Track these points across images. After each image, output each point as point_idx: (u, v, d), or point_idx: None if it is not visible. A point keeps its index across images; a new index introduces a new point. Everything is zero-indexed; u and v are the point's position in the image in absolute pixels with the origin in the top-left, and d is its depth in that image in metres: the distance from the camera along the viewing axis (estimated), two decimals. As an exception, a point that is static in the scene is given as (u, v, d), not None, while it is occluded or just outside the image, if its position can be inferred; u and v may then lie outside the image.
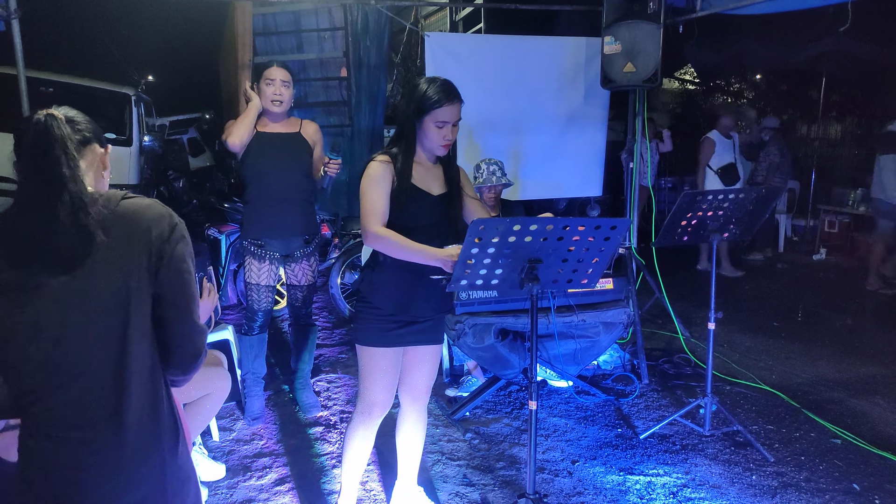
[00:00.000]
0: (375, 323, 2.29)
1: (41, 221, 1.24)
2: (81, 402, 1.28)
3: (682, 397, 3.83)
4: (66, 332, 1.26)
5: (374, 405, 2.36)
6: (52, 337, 1.26)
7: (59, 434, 1.28)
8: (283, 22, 7.42)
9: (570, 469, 3.05)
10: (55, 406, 1.28)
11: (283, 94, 3.18)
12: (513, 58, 4.49)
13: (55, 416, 1.28)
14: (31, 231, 1.24)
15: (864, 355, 4.51)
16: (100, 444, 1.29)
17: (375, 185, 2.17)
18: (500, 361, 3.51)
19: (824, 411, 3.62)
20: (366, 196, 2.18)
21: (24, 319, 1.25)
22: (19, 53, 3.49)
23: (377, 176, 2.18)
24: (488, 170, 3.93)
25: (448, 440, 3.33)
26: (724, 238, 3.24)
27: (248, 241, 3.32)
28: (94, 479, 1.30)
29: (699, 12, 4.25)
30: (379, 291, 2.28)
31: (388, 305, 2.28)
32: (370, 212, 2.16)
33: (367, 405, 2.37)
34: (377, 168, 2.19)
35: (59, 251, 1.25)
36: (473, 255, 2.03)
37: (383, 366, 2.32)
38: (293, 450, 3.20)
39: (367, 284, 2.31)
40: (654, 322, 5.18)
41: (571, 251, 2.13)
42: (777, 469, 3.04)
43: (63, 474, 1.29)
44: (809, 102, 11.38)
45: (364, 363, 2.34)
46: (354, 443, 2.42)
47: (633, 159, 4.48)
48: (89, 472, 1.30)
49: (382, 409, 2.39)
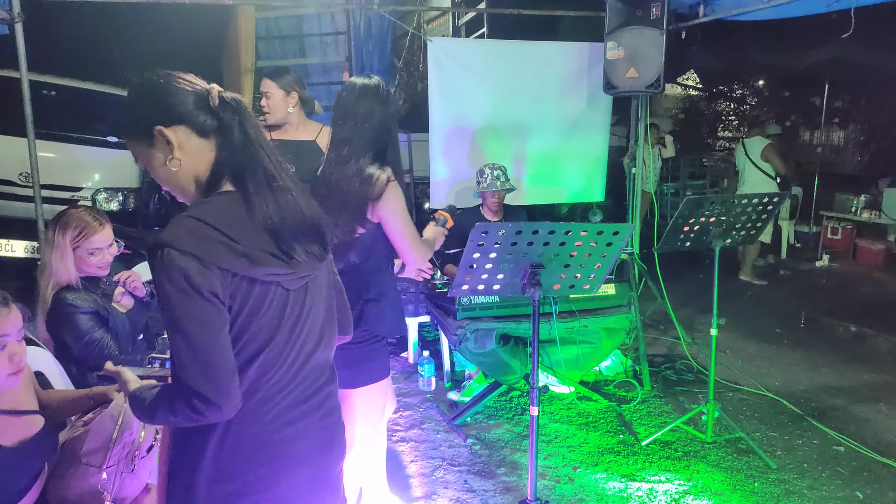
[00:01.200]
0: (384, 353, 2.24)
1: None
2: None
3: (684, 403, 3.82)
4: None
5: (380, 445, 2.32)
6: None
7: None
8: (286, 26, 7.44)
9: (571, 475, 3.04)
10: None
11: (267, 104, 3.21)
12: (515, 63, 4.49)
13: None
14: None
15: (867, 362, 4.49)
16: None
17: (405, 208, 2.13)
18: (502, 367, 3.50)
19: (827, 418, 3.61)
20: (407, 219, 2.12)
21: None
22: (23, 57, 3.50)
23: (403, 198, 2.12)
24: (492, 174, 3.93)
25: (449, 446, 3.32)
26: (726, 244, 3.24)
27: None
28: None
29: (702, 18, 4.25)
30: (387, 321, 2.20)
31: (395, 330, 2.26)
32: (415, 233, 2.15)
33: (378, 450, 2.31)
34: (400, 191, 2.11)
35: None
36: (476, 260, 2.02)
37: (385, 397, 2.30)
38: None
39: (374, 316, 2.17)
40: (657, 328, 5.17)
41: (573, 257, 2.13)
42: (780, 476, 3.02)
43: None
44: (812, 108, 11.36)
45: (375, 402, 2.23)
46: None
47: (635, 165, 4.47)
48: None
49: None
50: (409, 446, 3.32)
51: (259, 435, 1.30)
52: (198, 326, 1.17)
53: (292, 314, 1.32)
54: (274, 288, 1.27)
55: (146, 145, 1.27)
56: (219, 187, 1.27)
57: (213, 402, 1.19)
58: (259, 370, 1.27)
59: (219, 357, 1.19)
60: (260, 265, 1.22)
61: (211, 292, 1.17)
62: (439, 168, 4.48)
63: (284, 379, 1.32)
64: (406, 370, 4.35)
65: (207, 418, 1.21)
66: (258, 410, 1.29)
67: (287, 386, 1.33)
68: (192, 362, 1.18)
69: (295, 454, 1.35)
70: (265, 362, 1.27)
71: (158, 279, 1.17)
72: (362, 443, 2.23)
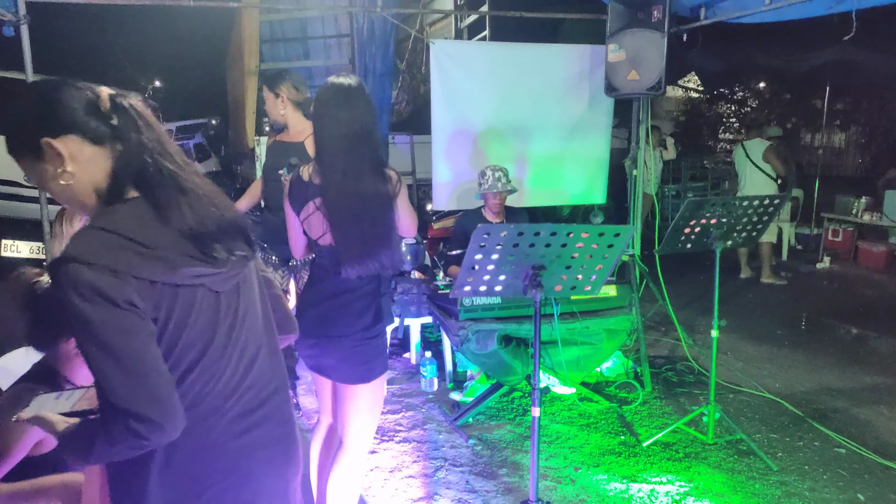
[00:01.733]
0: (385, 345, 2.30)
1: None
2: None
3: (685, 405, 3.83)
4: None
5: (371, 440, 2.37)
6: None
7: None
8: (290, 29, 7.47)
9: (572, 476, 3.05)
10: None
11: (266, 108, 3.27)
12: (517, 65, 4.50)
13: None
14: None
15: (868, 364, 4.50)
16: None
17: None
18: (504, 368, 3.51)
19: (828, 420, 3.61)
20: (412, 208, 2.24)
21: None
22: (28, 58, 3.52)
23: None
24: (493, 176, 3.94)
25: (451, 446, 3.34)
26: (727, 246, 3.25)
27: (256, 242, 3.37)
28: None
29: (703, 21, 4.26)
30: (387, 314, 2.28)
31: (389, 322, 2.32)
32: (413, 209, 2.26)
33: (369, 445, 2.36)
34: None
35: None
36: (478, 262, 2.04)
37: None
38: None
39: (386, 310, 2.27)
40: (658, 329, 5.18)
41: (575, 258, 2.14)
42: (780, 478, 3.03)
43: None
44: (813, 111, 11.37)
45: (382, 391, 2.30)
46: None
47: (636, 167, 4.49)
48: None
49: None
50: (411, 447, 3.33)
51: (210, 448, 1.22)
52: (122, 339, 1.07)
53: (227, 317, 1.25)
54: (201, 291, 1.19)
55: (34, 159, 1.16)
56: (123, 196, 1.18)
57: (155, 422, 1.09)
58: (201, 379, 1.20)
59: (151, 370, 1.10)
60: (179, 267, 1.14)
61: (128, 302, 1.07)
62: (441, 170, 4.50)
63: (230, 386, 1.24)
64: (408, 371, 4.37)
65: (151, 441, 1.10)
66: (206, 422, 1.21)
67: (234, 393, 1.25)
68: (123, 381, 1.08)
69: (253, 465, 1.29)
70: (206, 370, 1.20)
71: (67, 298, 1.05)
72: (361, 436, 2.28)
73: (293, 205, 2.13)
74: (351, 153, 2.01)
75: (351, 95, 2.03)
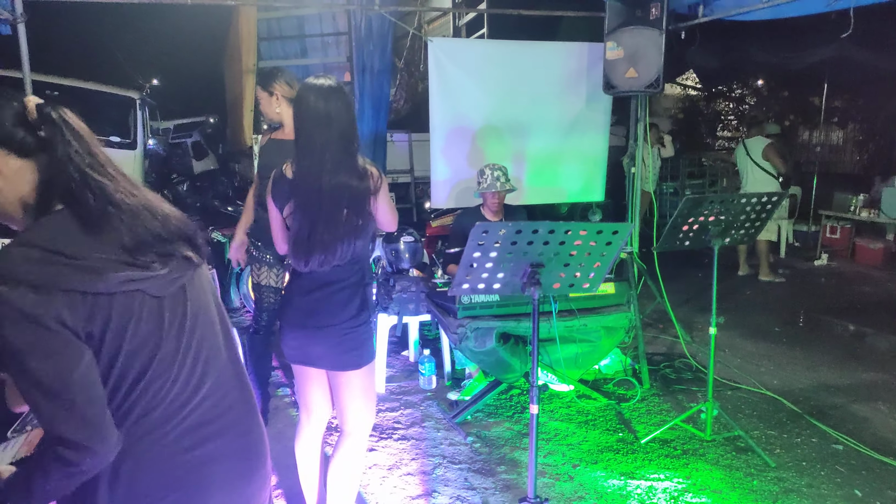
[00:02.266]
0: (371, 334, 2.34)
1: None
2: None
3: (683, 402, 3.84)
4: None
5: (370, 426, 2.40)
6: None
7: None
8: (288, 27, 7.47)
9: (571, 473, 3.06)
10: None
11: (261, 107, 3.28)
12: (515, 63, 4.51)
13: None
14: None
15: (865, 361, 4.51)
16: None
17: None
18: (502, 365, 3.52)
19: (826, 417, 3.63)
20: (393, 204, 2.27)
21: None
22: (25, 57, 3.52)
23: None
24: (492, 175, 3.95)
25: (449, 444, 3.34)
26: (725, 243, 3.25)
27: (251, 240, 3.36)
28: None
29: (701, 18, 4.27)
30: (371, 304, 2.35)
31: (373, 311, 2.37)
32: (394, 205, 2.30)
33: (368, 432, 2.38)
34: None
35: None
36: (476, 260, 2.04)
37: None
38: (290, 452, 3.20)
39: (370, 299, 2.33)
40: (656, 327, 5.19)
41: (573, 256, 2.15)
42: (778, 474, 3.04)
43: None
44: (811, 108, 11.38)
45: (369, 380, 2.34)
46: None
47: (634, 164, 4.49)
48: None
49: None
50: (409, 444, 3.34)
51: (161, 459, 1.18)
52: (44, 362, 1.02)
53: (173, 322, 1.20)
54: (139, 297, 1.15)
55: None
56: (51, 208, 1.13)
57: (84, 446, 1.04)
58: (150, 389, 1.16)
59: (77, 394, 1.04)
60: (107, 272, 1.09)
61: (56, 321, 1.03)
62: (440, 167, 4.50)
63: (183, 394, 1.20)
64: (407, 368, 4.37)
65: (83, 469, 1.06)
66: (157, 431, 1.17)
67: (187, 403, 1.21)
68: (47, 405, 1.03)
69: (207, 480, 1.24)
70: (154, 380, 1.16)
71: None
72: (360, 421, 2.31)
73: (276, 201, 2.17)
74: (324, 151, 2.04)
75: (329, 96, 2.05)
